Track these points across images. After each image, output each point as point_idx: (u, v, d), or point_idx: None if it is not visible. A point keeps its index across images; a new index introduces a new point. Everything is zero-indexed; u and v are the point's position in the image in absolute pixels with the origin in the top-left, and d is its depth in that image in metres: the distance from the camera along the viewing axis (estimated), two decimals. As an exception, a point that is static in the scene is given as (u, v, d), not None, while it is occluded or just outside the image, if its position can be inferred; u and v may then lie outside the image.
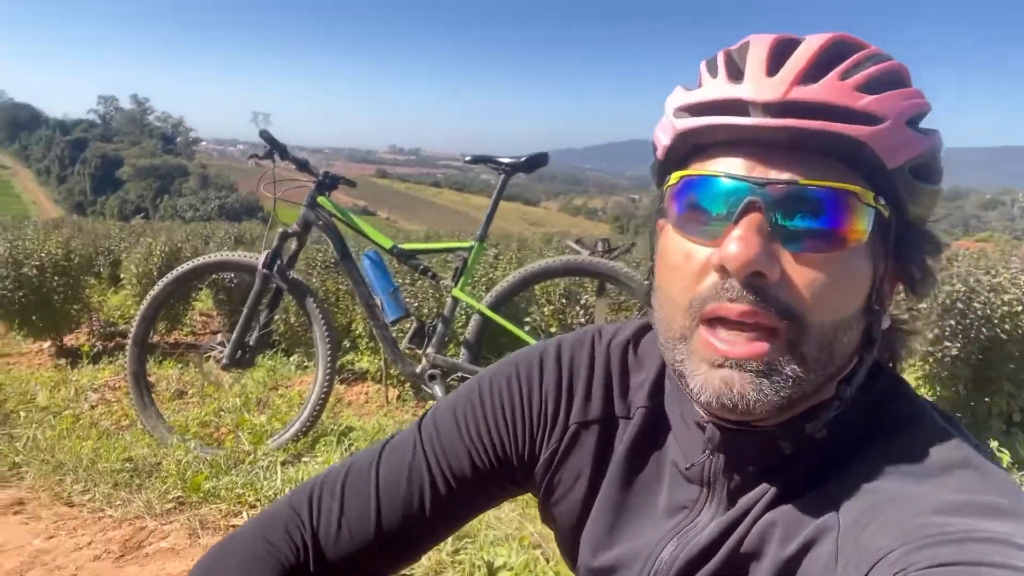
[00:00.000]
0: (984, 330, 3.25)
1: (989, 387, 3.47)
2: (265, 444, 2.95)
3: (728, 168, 0.59)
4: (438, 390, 2.97)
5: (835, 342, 0.59)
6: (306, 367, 4.81)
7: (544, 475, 0.79)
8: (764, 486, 0.63)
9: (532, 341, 2.98)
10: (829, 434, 0.62)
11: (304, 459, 2.89)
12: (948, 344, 3.18)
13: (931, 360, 3.22)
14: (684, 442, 0.70)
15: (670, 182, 0.64)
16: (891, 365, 0.70)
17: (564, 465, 0.77)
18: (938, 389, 3.30)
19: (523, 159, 3.01)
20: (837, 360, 0.60)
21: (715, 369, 0.58)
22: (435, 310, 3.72)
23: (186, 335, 6.00)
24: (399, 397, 4.16)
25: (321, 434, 3.15)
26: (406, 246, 3.11)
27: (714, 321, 0.59)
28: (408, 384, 4.01)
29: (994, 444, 3.15)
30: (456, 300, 3.02)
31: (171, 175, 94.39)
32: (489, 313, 2.97)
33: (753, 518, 0.63)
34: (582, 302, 4.71)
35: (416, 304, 3.78)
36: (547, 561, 2.01)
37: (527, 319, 4.37)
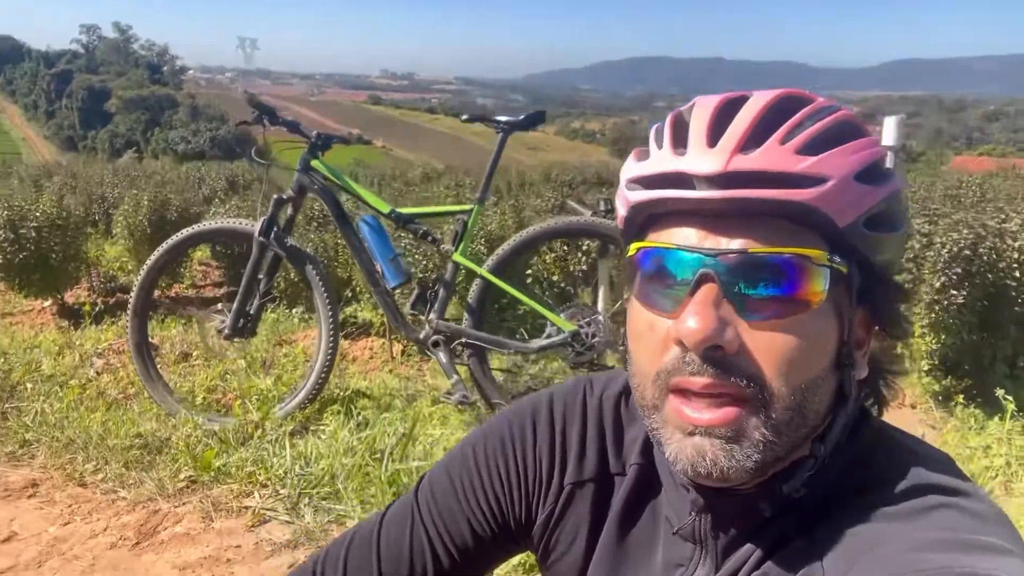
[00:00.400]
0: (990, 276, 3.22)
1: (995, 333, 3.46)
2: (273, 412, 2.96)
3: (681, 239, 0.59)
4: (442, 356, 2.97)
5: (804, 403, 0.58)
6: (308, 319, 4.81)
7: (541, 536, 0.78)
8: (750, 545, 0.64)
9: (535, 305, 2.95)
10: (813, 488, 0.62)
11: (312, 428, 2.91)
12: (954, 292, 3.15)
13: (936, 308, 3.19)
14: (673, 500, 0.70)
15: (629, 252, 0.64)
16: (876, 407, 0.69)
17: (561, 525, 0.77)
18: (943, 337, 3.29)
19: (521, 117, 2.91)
20: (809, 420, 0.59)
21: (687, 437, 0.58)
22: (436, 275, 3.68)
23: (187, 288, 5.98)
24: (403, 352, 4.17)
25: (328, 400, 3.16)
26: (404, 211, 3.05)
27: (682, 391, 0.59)
28: (412, 340, 4.01)
29: (1000, 392, 3.17)
30: (457, 265, 2.98)
31: (160, 106, 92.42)
32: (491, 277, 2.93)
33: (745, 574, 0.63)
34: (583, 248, 4.68)
35: (417, 269, 3.73)
36: None
37: (528, 271, 4.34)
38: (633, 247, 0.63)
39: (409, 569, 0.79)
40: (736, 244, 0.57)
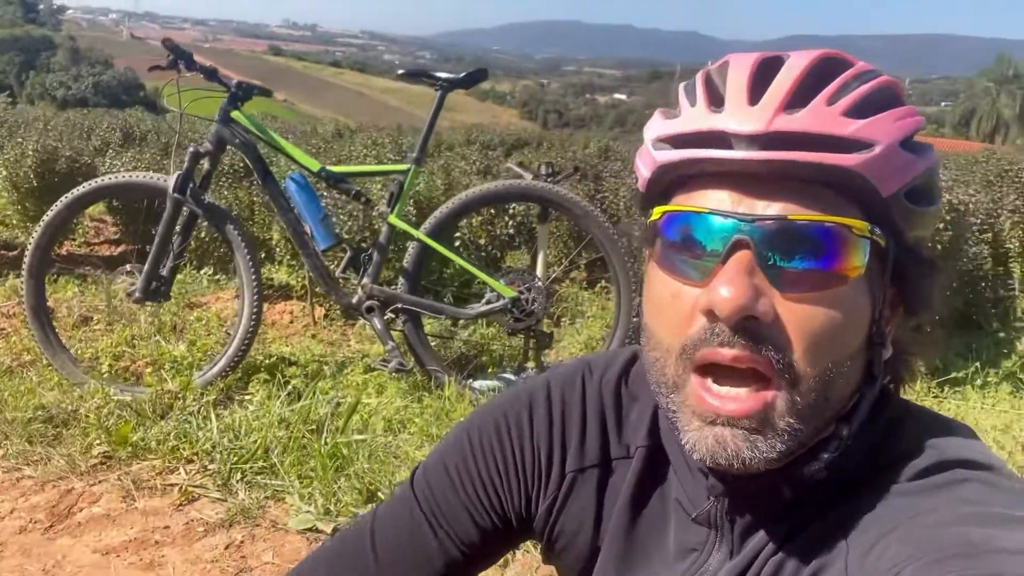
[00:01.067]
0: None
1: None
2: (192, 382, 2.77)
3: (714, 203, 0.56)
4: (376, 322, 2.85)
5: (832, 385, 0.56)
6: (218, 280, 4.55)
7: (544, 526, 0.75)
8: (772, 527, 0.61)
9: (474, 270, 2.88)
10: (836, 470, 0.59)
11: (236, 399, 2.74)
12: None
13: None
14: (687, 483, 0.67)
15: (652, 217, 0.60)
16: (894, 386, 0.66)
17: (564, 514, 0.74)
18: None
19: (462, 75, 2.80)
20: (835, 403, 0.57)
21: (708, 426, 0.56)
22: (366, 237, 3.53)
23: (79, 246, 5.53)
24: (326, 316, 4.01)
25: (251, 368, 2.99)
26: (335, 169, 2.88)
27: (706, 368, 0.56)
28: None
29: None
30: (392, 227, 2.85)
31: (36, 48, 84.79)
32: (429, 241, 2.82)
33: (763, 560, 0.61)
34: (510, 211, 4.62)
35: (343, 231, 3.56)
36: None
37: (456, 234, 4.24)
38: (657, 211, 0.59)
39: (412, 568, 0.74)
40: (774, 210, 0.54)
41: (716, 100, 0.57)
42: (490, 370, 3.17)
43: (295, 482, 2.14)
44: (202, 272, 4.61)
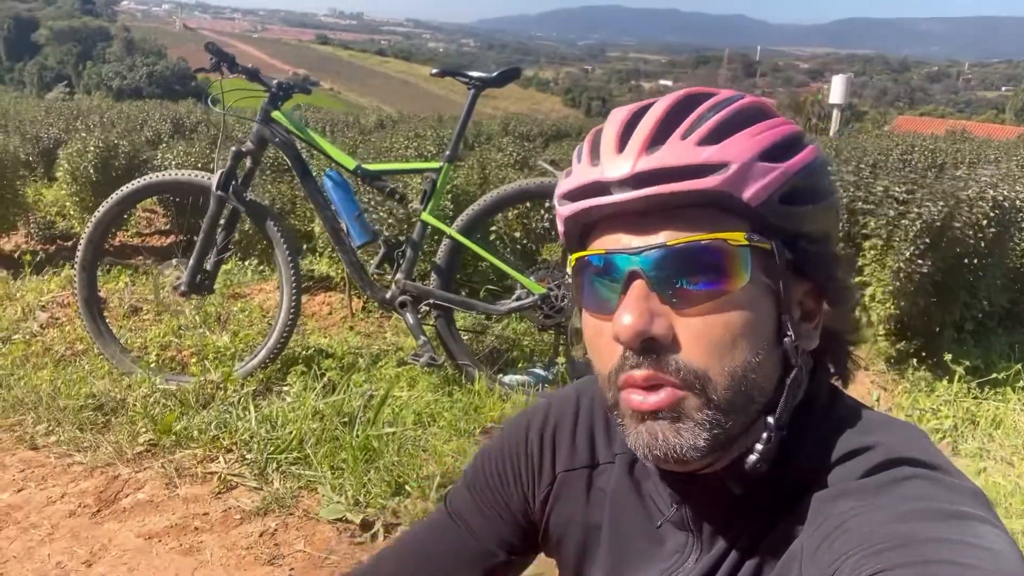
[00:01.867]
0: (958, 248, 3.28)
1: (946, 298, 3.56)
2: (234, 373, 2.88)
3: (610, 243, 0.62)
4: (409, 317, 2.91)
5: (744, 382, 0.61)
6: (263, 272, 4.68)
7: (541, 519, 0.82)
8: (734, 530, 0.67)
9: (505, 267, 2.92)
10: (787, 467, 0.64)
11: (275, 390, 2.84)
12: (920, 262, 3.20)
13: (901, 276, 3.24)
14: (659, 490, 0.73)
15: (570, 265, 0.68)
16: (840, 379, 0.72)
17: (555, 513, 0.81)
18: (900, 302, 3.37)
19: (494, 74, 2.82)
20: (755, 398, 0.62)
21: (640, 424, 0.62)
22: (401, 233, 3.59)
23: (131, 236, 5.74)
24: (364, 307, 4.10)
25: (290, 359, 3.09)
26: (371, 167, 2.94)
27: (628, 387, 0.62)
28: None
29: (948, 356, 3.29)
30: (425, 224, 2.91)
31: (92, 39, 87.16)
32: (460, 238, 2.87)
33: (731, 560, 0.66)
34: (545, 204, 4.63)
35: (382, 227, 3.63)
36: None
37: (493, 227, 4.28)
38: (572, 259, 0.67)
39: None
40: (657, 239, 0.60)
41: (596, 155, 0.63)
42: (520, 365, 3.21)
43: (327, 473, 2.21)
44: (247, 263, 4.74)
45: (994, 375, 3.24)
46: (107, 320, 3.19)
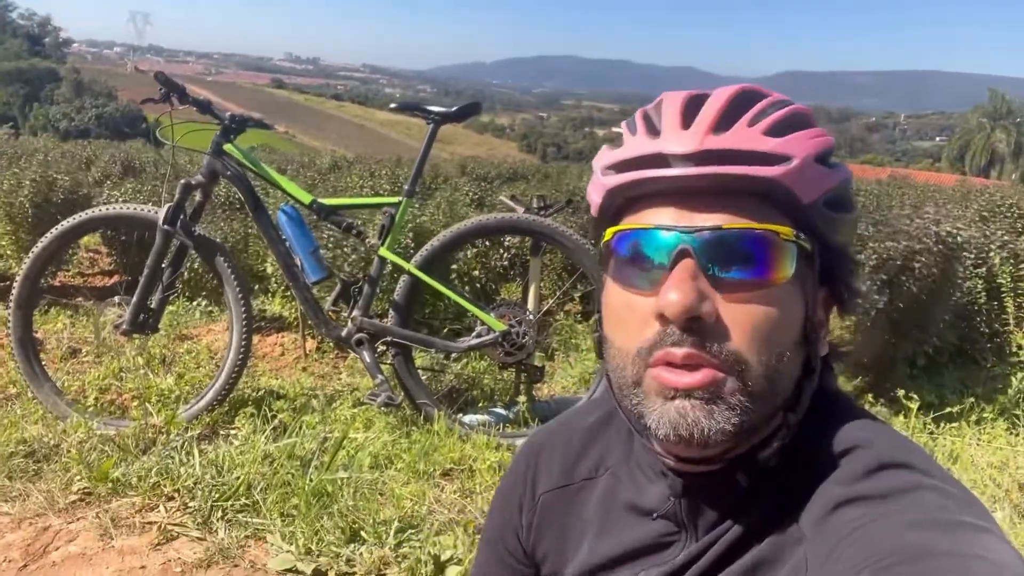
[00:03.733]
0: (912, 285, 3.34)
1: (899, 334, 3.62)
2: (178, 416, 2.73)
3: (658, 219, 0.62)
4: (366, 356, 2.82)
5: (775, 374, 0.61)
6: (211, 312, 4.52)
7: (528, 541, 0.83)
8: (730, 522, 0.66)
9: (464, 303, 2.86)
10: (788, 463, 0.64)
11: (222, 433, 2.70)
12: (876, 297, 3.25)
13: (859, 312, 3.29)
14: (650, 491, 0.73)
15: (605, 238, 0.67)
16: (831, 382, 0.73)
17: (544, 534, 0.81)
18: (856, 337, 3.40)
19: (454, 109, 2.80)
20: (780, 391, 0.63)
21: (668, 401, 0.61)
22: (357, 270, 3.51)
23: (73, 276, 5.52)
24: (318, 348, 3.98)
25: (239, 402, 2.95)
26: (327, 201, 2.87)
27: (662, 365, 0.62)
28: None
29: (901, 392, 3.31)
30: (383, 260, 2.84)
31: (40, 80, 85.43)
32: (419, 274, 2.81)
33: (721, 544, 0.66)
34: (505, 244, 4.61)
35: (339, 264, 3.55)
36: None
37: (453, 266, 4.23)
38: (609, 232, 0.66)
39: None
40: (711, 221, 0.61)
41: (653, 130, 0.65)
42: (480, 404, 3.13)
43: (276, 520, 2.09)
44: (195, 304, 4.59)
45: (948, 409, 3.27)
46: (43, 362, 3.02)
